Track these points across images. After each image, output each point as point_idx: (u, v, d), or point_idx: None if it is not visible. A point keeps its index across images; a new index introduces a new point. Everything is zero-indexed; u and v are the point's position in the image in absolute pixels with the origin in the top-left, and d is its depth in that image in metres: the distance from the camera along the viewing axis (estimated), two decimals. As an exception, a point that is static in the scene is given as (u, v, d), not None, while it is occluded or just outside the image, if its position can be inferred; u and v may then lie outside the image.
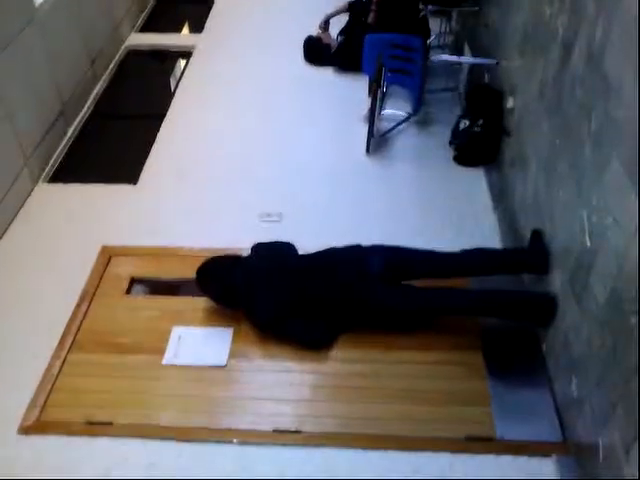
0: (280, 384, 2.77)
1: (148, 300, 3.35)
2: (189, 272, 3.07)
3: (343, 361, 2.85)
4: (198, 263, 3.05)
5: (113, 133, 4.62)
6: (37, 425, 2.61)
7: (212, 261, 3.03)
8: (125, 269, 3.34)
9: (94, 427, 2.59)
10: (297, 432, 2.56)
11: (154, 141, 4.33)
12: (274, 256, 3.05)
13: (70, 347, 2.92)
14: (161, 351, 2.89)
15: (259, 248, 3.11)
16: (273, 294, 2.88)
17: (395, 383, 2.75)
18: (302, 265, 2.99)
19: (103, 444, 2.55)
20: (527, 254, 2.94)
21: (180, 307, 3.14)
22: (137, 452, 2.52)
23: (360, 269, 2.88)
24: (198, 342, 2.94)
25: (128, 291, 3.26)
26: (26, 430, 2.60)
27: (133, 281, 3.31)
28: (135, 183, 3.96)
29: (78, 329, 3.00)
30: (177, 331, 2.98)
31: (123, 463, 2.49)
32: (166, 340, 2.94)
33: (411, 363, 2.82)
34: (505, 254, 3.16)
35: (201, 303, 3.07)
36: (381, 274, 2.85)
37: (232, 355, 2.88)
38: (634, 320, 1.95)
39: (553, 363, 2.69)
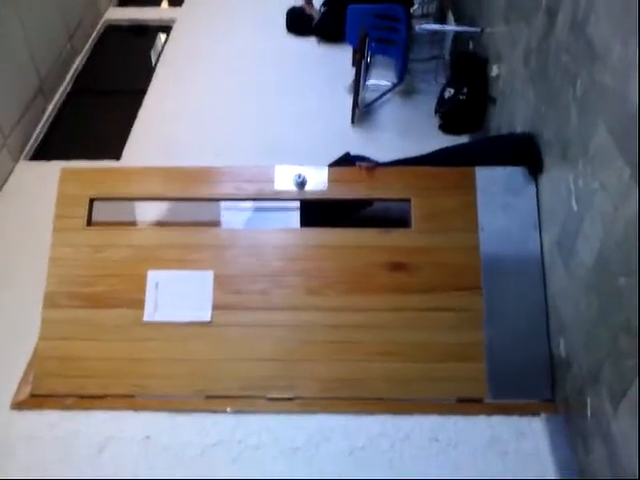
0: (267, 340, 2.66)
1: (114, 232, 2.88)
2: (160, 189, 2.86)
3: (334, 310, 2.71)
4: (171, 176, 2.90)
5: (94, 109, 4.55)
6: (30, 400, 2.61)
7: None
8: (82, 190, 2.90)
9: (87, 400, 2.59)
10: (290, 399, 2.58)
11: (136, 116, 4.28)
12: None
13: (43, 301, 2.74)
14: (140, 303, 2.70)
15: None
16: None
17: (391, 336, 2.66)
18: None
19: (97, 418, 2.56)
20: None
21: (152, 242, 2.82)
22: (131, 425, 2.53)
23: None
24: (178, 290, 2.72)
25: (89, 221, 2.87)
26: (19, 405, 2.60)
27: (93, 203, 2.88)
28: (118, 159, 3.92)
29: (47, 278, 2.79)
30: (153, 277, 2.73)
31: (118, 437, 2.50)
32: (143, 287, 2.71)
33: (410, 310, 2.69)
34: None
35: (175, 236, 2.82)
36: None
37: (215, 306, 2.70)
38: (623, 280, 1.98)
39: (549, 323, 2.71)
